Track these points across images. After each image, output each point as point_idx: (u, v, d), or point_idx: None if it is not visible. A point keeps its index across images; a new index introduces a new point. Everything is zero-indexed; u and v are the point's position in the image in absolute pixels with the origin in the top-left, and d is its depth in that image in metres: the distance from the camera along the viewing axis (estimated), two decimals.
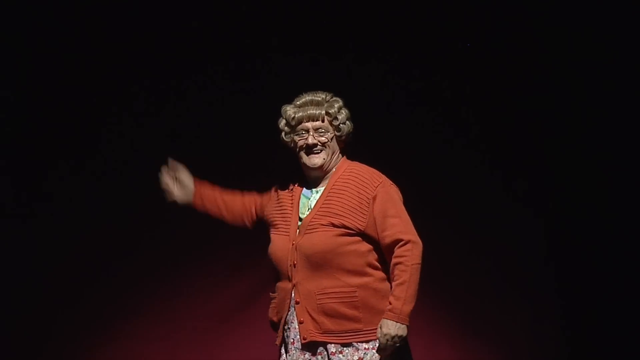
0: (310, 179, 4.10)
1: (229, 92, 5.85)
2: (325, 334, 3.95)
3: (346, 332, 3.94)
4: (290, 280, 3.98)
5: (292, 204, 4.07)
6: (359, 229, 3.96)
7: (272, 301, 4.10)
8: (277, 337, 4.07)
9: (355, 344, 3.95)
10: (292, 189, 4.12)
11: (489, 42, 5.88)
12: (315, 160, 4.04)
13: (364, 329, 3.96)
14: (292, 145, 4.09)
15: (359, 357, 3.94)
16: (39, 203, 5.79)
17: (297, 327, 3.96)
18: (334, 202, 3.99)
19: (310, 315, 3.94)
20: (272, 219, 4.11)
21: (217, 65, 5.84)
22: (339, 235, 3.95)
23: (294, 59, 5.75)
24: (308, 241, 3.95)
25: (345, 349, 3.95)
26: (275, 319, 4.07)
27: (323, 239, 3.94)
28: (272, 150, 4.36)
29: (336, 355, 3.93)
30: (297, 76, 5.38)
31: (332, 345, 3.95)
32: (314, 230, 3.96)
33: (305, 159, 4.05)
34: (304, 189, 4.10)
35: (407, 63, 5.87)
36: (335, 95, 4.10)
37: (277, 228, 4.07)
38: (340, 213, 3.97)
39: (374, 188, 4.00)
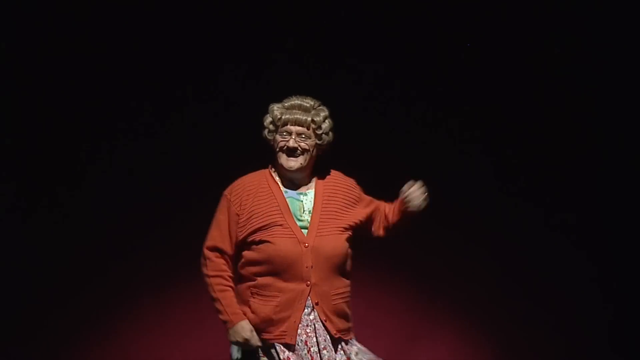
0: (286, 178, 4.18)
1: (220, 95, 5.82)
2: (338, 332, 4.11)
3: (346, 329, 4.15)
4: (304, 281, 4.06)
5: (278, 205, 4.12)
6: (358, 224, 4.19)
7: (266, 299, 4.08)
8: (282, 334, 4.05)
9: (350, 340, 4.16)
10: (269, 190, 4.15)
11: (489, 43, 5.86)
12: (292, 163, 4.13)
13: (351, 327, 4.20)
14: (272, 143, 4.18)
15: (355, 352, 4.14)
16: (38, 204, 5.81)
17: (322, 325, 4.07)
18: (336, 205, 4.16)
19: (327, 315, 4.08)
20: (257, 223, 4.09)
21: (211, 69, 5.81)
22: (348, 239, 4.15)
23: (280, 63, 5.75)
24: (328, 243, 4.08)
25: (345, 345, 4.13)
26: (274, 317, 4.06)
27: (341, 241, 4.12)
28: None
29: (349, 350, 4.11)
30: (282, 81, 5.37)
31: (342, 341, 4.13)
32: (330, 232, 4.10)
33: (283, 159, 4.14)
34: (287, 190, 4.17)
35: (405, 63, 5.87)
36: (323, 104, 4.19)
37: (271, 229, 4.08)
38: (347, 215, 4.16)
39: (356, 188, 4.26)
